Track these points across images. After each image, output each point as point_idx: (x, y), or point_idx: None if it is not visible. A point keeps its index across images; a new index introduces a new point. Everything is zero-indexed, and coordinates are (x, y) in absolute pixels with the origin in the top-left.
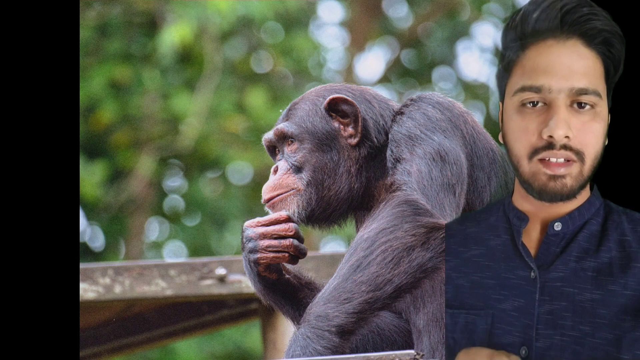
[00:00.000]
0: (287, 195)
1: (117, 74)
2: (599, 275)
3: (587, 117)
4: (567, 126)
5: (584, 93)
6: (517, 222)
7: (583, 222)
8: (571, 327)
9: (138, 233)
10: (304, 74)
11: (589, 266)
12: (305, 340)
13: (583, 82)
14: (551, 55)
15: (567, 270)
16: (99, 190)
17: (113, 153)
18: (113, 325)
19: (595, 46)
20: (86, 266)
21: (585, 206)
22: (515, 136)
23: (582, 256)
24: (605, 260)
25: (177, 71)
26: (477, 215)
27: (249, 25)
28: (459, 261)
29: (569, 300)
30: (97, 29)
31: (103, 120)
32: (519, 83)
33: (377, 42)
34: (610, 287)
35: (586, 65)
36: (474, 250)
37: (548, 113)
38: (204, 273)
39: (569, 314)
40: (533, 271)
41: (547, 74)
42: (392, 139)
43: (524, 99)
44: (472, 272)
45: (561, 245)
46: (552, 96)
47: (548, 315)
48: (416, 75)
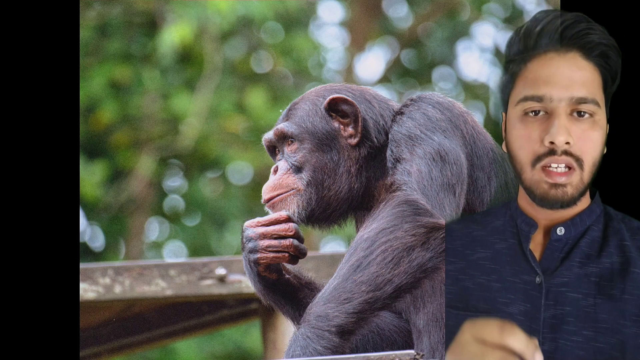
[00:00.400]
0: (287, 195)
1: (117, 74)
2: (601, 280)
3: (586, 125)
4: (568, 133)
5: (583, 102)
6: (525, 228)
7: (585, 228)
8: (575, 331)
9: (138, 233)
10: (304, 74)
11: (592, 272)
12: (305, 340)
13: (582, 92)
14: (552, 67)
15: (571, 276)
16: (99, 190)
17: (113, 153)
18: (113, 325)
19: (593, 58)
20: (86, 266)
21: (586, 212)
22: (519, 144)
23: (584, 262)
24: (607, 265)
25: (177, 71)
26: (481, 218)
27: (249, 25)
28: (465, 263)
29: (573, 305)
30: (97, 29)
31: (103, 120)
32: (522, 93)
33: (377, 42)
34: (611, 292)
35: (585, 76)
36: (480, 253)
37: (549, 121)
38: (204, 273)
39: (572, 318)
40: (539, 276)
41: (549, 84)
42: (392, 139)
43: (527, 108)
44: (478, 274)
45: (564, 251)
46: (553, 105)
47: (553, 319)
48: (416, 75)
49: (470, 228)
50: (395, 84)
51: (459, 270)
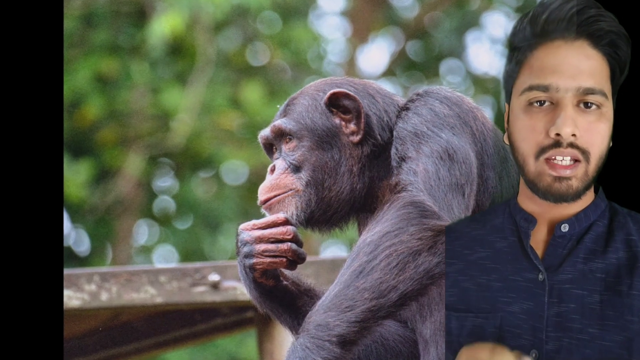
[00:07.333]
0: (285, 196)
1: (103, 67)
2: (608, 276)
3: (593, 117)
4: (574, 124)
5: (590, 93)
6: (524, 224)
7: (589, 224)
8: (580, 329)
9: (126, 237)
10: (302, 67)
11: (597, 267)
12: (304, 351)
13: (590, 82)
14: (559, 55)
15: (576, 272)
16: (84, 191)
17: (99, 151)
18: (99, 335)
19: (602, 47)
20: (71, 272)
21: (591, 208)
22: (522, 135)
23: (589, 258)
24: (613, 261)
25: (168, 64)
26: (481, 217)
27: (244, 14)
28: (465, 264)
29: (578, 303)
30: (82, 18)
31: (88, 117)
32: (527, 82)
33: (381, 33)
34: (617, 288)
35: (593, 66)
36: (479, 252)
37: (555, 112)
38: (196, 279)
39: (578, 316)
40: (541, 273)
41: (555, 73)
42: (397, 136)
43: (532, 98)
44: (478, 274)
45: (568, 247)
46: (560, 95)
47: (557, 317)
48: (423, 68)
49: (469, 227)
50: (400, 78)
51: (459, 271)
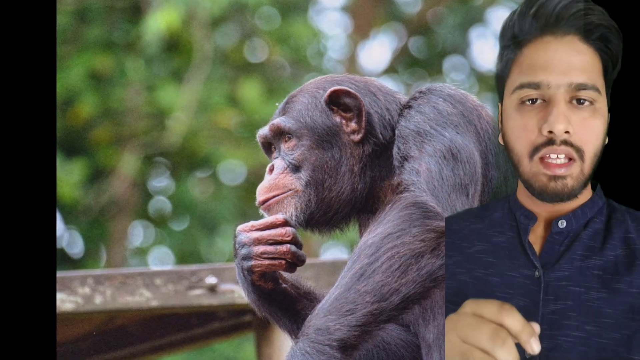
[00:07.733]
0: (284, 196)
1: (97, 64)
2: (605, 273)
3: (586, 113)
4: (567, 121)
5: (582, 88)
6: (524, 221)
7: (586, 221)
8: (577, 327)
9: (120, 238)
10: (302, 64)
11: (595, 264)
12: (304, 355)
13: (582, 78)
14: (549, 51)
15: (573, 269)
16: (77, 191)
17: (93, 150)
18: (93, 340)
19: (593, 42)
20: (64, 275)
21: (588, 205)
22: (515, 135)
23: (587, 254)
24: (610, 258)
25: (164, 61)
26: (480, 211)
27: (242, 10)
28: (462, 257)
29: (574, 300)
30: (75, 14)
31: (82, 115)
32: (518, 81)
33: (382, 29)
34: (615, 286)
35: (584, 61)
36: (477, 246)
37: (547, 109)
38: (193, 282)
39: (574, 313)
40: (537, 270)
41: (546, 70)
42: (399, 135)
43: (523, 96)
44: (475, 268)
45: (565, 244)
46: (551, 92)
47: (553, 315)
48: (425, 65)
49: (468, 221)
50: (402, 75)
51: (457, 264)
